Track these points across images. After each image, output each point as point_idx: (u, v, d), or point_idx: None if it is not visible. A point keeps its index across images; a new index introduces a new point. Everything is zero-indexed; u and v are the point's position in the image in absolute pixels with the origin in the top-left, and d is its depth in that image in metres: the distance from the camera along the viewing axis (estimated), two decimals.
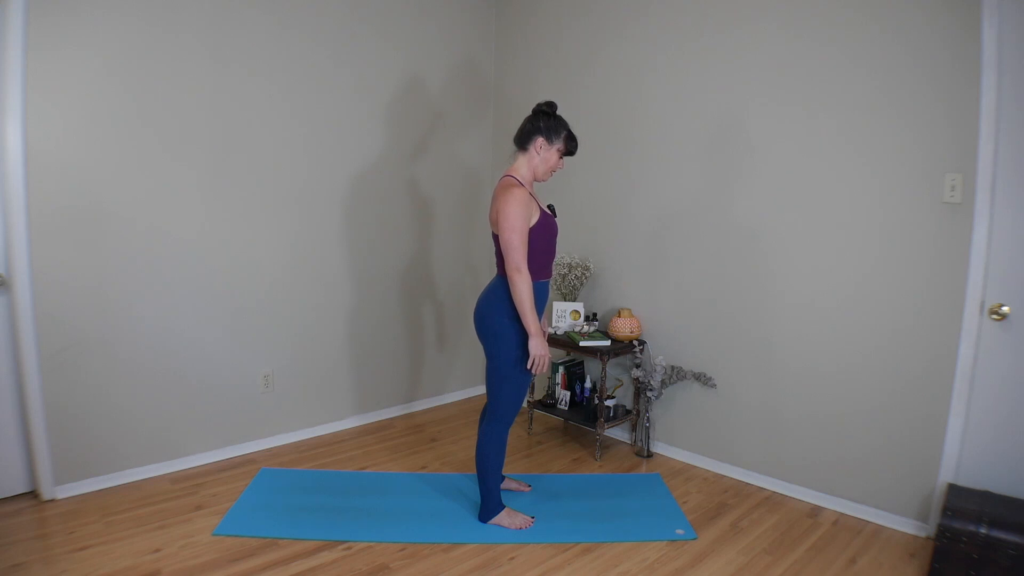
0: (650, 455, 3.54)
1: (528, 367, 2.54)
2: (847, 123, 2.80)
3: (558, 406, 3.77)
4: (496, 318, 2.57)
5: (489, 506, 2.72)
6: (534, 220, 2.52)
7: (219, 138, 3.16)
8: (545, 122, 2.59)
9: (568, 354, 3.92)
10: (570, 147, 2.64)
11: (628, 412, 3.64)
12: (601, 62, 3.70)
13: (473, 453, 3.45)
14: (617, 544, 2.61)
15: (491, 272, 2.78)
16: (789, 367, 3.06)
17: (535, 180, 2.65)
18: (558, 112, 2.65)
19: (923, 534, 2.72)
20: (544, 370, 2.54)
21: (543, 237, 2.57)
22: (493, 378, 2.64)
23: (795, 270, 3.01)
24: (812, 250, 2.95)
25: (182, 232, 3.09)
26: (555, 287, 3.81)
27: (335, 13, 3.50)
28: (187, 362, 3.17)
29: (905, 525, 2.76)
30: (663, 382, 3.41)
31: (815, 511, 2.94)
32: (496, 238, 2.58)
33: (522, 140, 2.62)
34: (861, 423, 2.86)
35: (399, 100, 3.83)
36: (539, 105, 2.63)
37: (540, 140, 2.58)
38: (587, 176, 3.82)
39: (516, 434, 3.78)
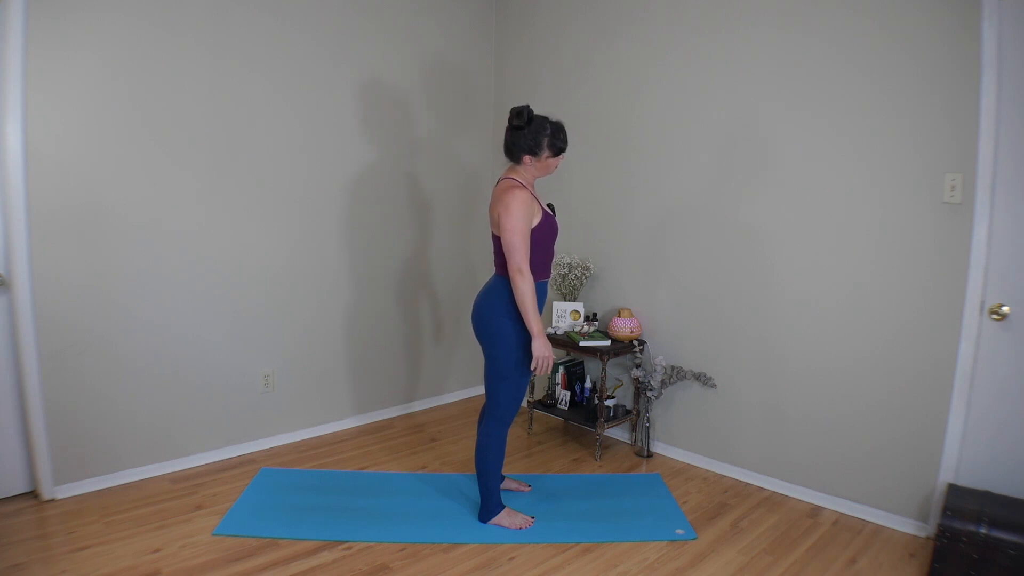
0: (650, 455, 3.54)
1: (532, 368, 2.53)
2: (847, 123, 2.80)
3: (558, 406, 3.77)
4: (495, 318, 2.57)
5: (489, 506, 2.72)
6: (536, 221, 2.52)
7: (219, 138, 3.16)
8: (523, 138, 2.50)
9: (568, 354, 3.92)
10: (558, 147, 2.55)
11: (628, 412, 3.64)
12: (601, 61, 3.69)
13: (473, 453, 3.45)
14: (617, 544, 2.61)
15: (490, 271, 2.77)
16: (789, 367, 3.06)
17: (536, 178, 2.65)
18: (533, 114, 2.51)
19: (923, 534, 2.72)
20: (547, 371, 2.54)
21: (544, 238, 2.57)
22: (492, 378, 2.64)
23: (795, 270, 3.01)
24: (812, 250, 2.95)
25: (182, 232, 3.09)
26: (555, 287, 3.81)
27: (335, 13, 3.50)
28: (187, 362, 3.17)
29: (905, 525, 2.76)
30: (663, 382, 3.41)
31: (815, 511, 2.94)
32: (496, 238, 2.57)
33: (511, 155, 2.58)
34: (861, 423, 2.86)
35: (399, 100, 3.83)
36: (510, 121, 2.52)
37: (526, 157, 2.54)
38: (587, 176, 3.82)
39: (516, 434, 3.78)
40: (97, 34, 2.77)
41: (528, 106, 2.51)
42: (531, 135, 2.51)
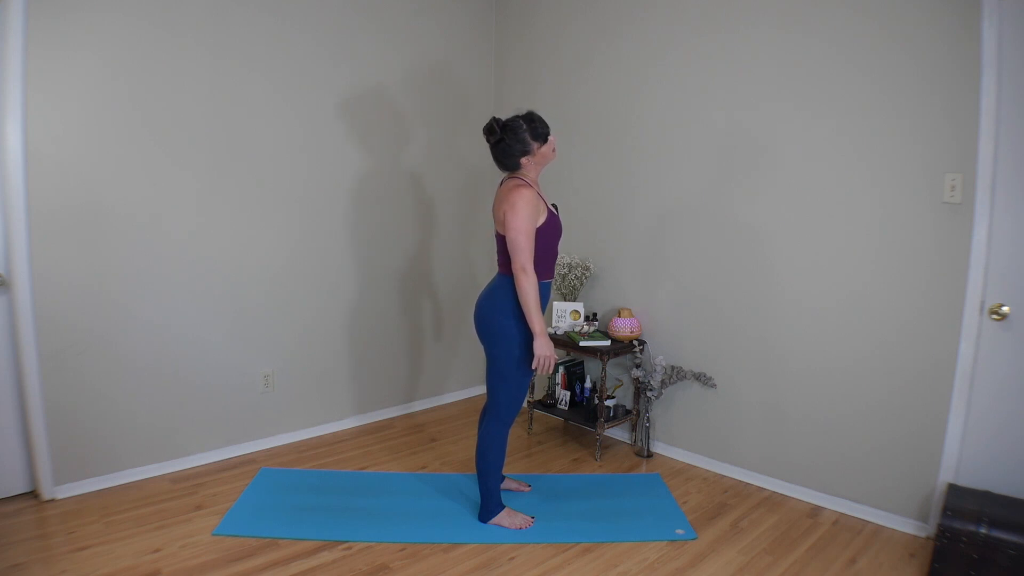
0: (650, 455, 3.54)
1: (533, 367, 2.54)
2: (847, 123, 2.80)
3: (558, 406, 3.77)
4: (498, 317, 2.57)
5: (489, 506, 2.72)
6: (541, 220, 2.52)
7: (219, 138, 3.16)
8: (509, 146, 2.51)
9: (568, 354, 3.92)
10: (544, 134, 2.55)
11: (628, 412, 3.64)
12: (601, 61, 3.69)
13: (473, 453, 3.45)
14: (617, 544, 2.61)
15: (491, 271, 2.77)
16: (789, 367, 3.06)
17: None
18: (503, 121, 2.52)
19: (923, 534, 2.72)
20: (549, 371, 2.54)
21: (549, 237, 2.57)
22: (493, 378, 2.64)
23: (795, 270, 3.01)
24: (812, 250, 2.95)
25: (182, 232, 3.09)
26: (555, 287, 3.81)
27: (335, 13, 3.50)
28: (187, 362, 3.17)
29: (905, 525, 2.76)
30: (663, 382, 3.41)
31: (815, 511, 2.94)
32: (500, 238, 2.57)
33: (506, 166, 2.59)
34: (861, 423, 2.86)
35: (399, 100, 3.83)
36: (488, 140, 2.54)
37: (522, 159, 2.55)
38: (587, 176, 3.82)
39: (516, 434, 3.78)
40: (97, 34, 2.77)
41: (494, 118, 2.53)
42: (514, 140, 2.52)
